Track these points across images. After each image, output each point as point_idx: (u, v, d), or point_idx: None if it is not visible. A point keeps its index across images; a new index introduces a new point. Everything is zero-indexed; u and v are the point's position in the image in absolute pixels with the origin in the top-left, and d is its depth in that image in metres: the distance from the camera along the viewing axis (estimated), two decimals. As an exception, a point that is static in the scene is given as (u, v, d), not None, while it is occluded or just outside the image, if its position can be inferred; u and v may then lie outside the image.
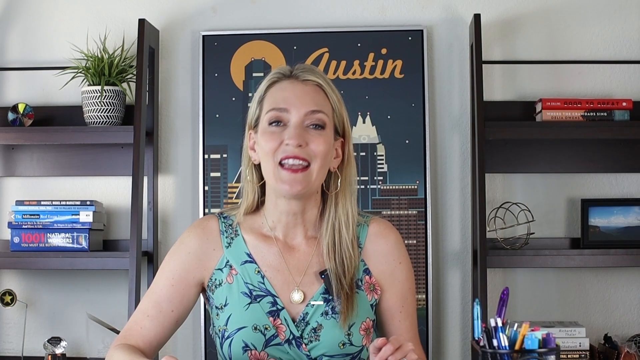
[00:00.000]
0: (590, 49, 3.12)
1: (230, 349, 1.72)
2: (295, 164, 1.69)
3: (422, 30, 3.09)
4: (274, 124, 1.72)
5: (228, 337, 1.72)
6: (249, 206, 1.79)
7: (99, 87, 2.97)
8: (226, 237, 1.78)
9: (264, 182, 1.77)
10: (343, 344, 1.70)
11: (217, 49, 3.12)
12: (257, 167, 1.77)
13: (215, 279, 1.76)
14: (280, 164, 1.69)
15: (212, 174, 3.09)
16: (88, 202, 2.99)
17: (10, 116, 3.07)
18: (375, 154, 3.06)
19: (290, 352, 1.70)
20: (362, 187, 3.05)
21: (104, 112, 2.99)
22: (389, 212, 3.05)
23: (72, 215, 2.97)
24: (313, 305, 1.72)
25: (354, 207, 1.78)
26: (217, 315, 1.75)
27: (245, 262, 1.76)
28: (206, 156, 3.09)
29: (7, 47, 3.23)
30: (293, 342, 1.70)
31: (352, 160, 1.80)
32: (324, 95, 1.74)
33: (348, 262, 1.73)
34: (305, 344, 1.70)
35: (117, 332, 2.96)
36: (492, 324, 1.45)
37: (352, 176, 1.80)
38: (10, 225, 2.98)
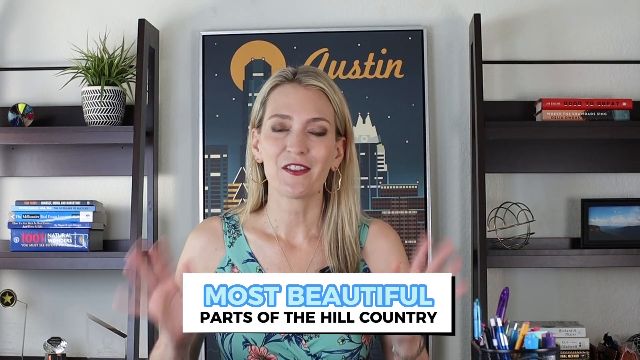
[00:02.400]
0: (590, 49, 3.12)
1: (230, 345, 1.73)
2: (297, 169, 1.71)
3: (422, 30, 3.09)
4: (276, 130, 1.73)
5: (228, 334, 1.74)
6: (254, 204, 1.81)
7: (99, 87, 2.97)
8: (229, 237, 1.80)
9: (267, 181, 1.79)
10: (342, 340, 1.72)
11: (217, 49, 3.12)
12: (260, 166, 1.79)
13: None
14: (284, 167, 1.71)
15: (212, 174, 3.09)
16: (88, 202, 2.99)
17: (10, 116, 3.07)
18: (375, 154, 3.06)
19: (290, 348, 1.71)
20: (362, 187, 3.05)
21: (104, 112, 2.99)
22: (389, 212, 3.05)
23: (72, 215, 2.97)
24: None
25: (357, 205, 1.80)
26: (219, 312, 1.76)
27: (247, 260, 1.78)
28: (206, 156, 3.09)
29: (7, 47, 3.23)
30: (292, 338, 1.72)
31: (354, 158, 1.81)
32: (326, 99, 1.75)
33: (350, 259, 1.75)
34: (305, 340, 1.72)
35: (117, 332, 2.97)
36: (492, 324, 1.45)
37: (355, 175, 1.81)
38: (10, 225, 2.98)
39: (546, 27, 3.13)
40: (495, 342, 1.44)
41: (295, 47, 3.10)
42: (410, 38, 3.09)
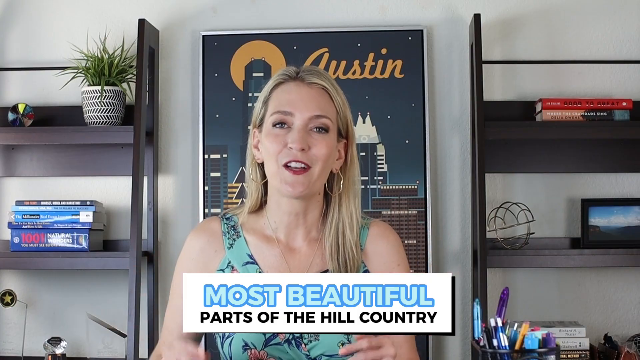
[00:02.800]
0: (590, 49, 3.12)
1: (230, 348, 1.73)
2: (297, 167, 1.69)
3: (422, 30, 3.09)
4: (278, 126, 1.72)
5: (228, 337, 1.73)
6: (252, 205, 1.80)
7: (99, 87, 2.97)
8: (228, 239, 1.79)
9: (267, 181, 1.77)
10: (342, 344, 1.70)
11: (217, 49, 3.12)
12: (261, 166, 1.78)
13: None
14: (285, 165, 1.70)
15: (212, 174, 3.09)
16: (88, 202, 2.99)
17: (10, 116, 3.07)
18: (375, 154, 3.06)
19: (290, 352, 1.71)
20: (362, 187, 3.05)
21: (104, 112, 2.99)
22: (389, 212, 3.05)
23: (72, 215, 2.97)
24: None
25: (357, 208, 1.78)
26: (218, 315, 1.76)
27: (247, 263, 1.76)
28: (206, 156, 3.09)
29: (7, 47, 3.23)
30: (292, 341, 1.71)
31: (355, 161, 1.80)
32: (328, 98, 1.74)
33: (351, 263, 1.74)
34: (305, 344, 1.71)
35: (117, 332, 2.97)
36: (492, 324, 1.45)
37: (356, 177, 1.79)
38: (10, 225, 2.98)
39: (546, 27, 3.13)
40: (495, 342, 1.44)
41: (295, 47, 3.10)
42: (410, 38, 3.09)
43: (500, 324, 1.45)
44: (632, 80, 3.11)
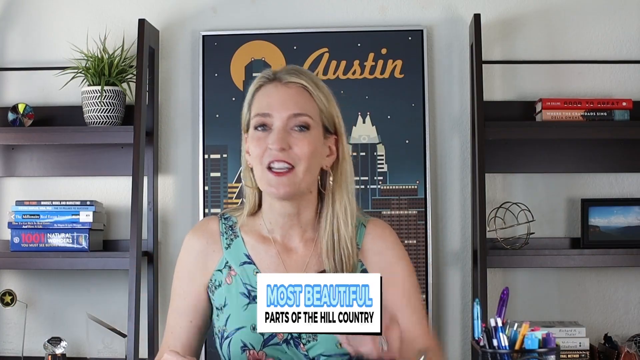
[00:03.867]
0: (590, 49, 3.12)
1: (229, 349, 1.72)
2: (280, 167, 1.68)
3: (422, 30, 3.10)
4: (259, 129, 1.72)
5: (227, 337, 1.73)
6: (251, 209, 1.80)
7: (99, 87, 2.97)
8: (226, 239, 1.79)
9: None
10: (341, 344, 1.70)
11: (217, 49, 3.12)
12: (253, 171, 1.77)
13: (215, 280, 1.77)
14: (269, 167, 1.69)
15: (212, 174, 3.09)
16: (88, 202, 2.99)
17: (10, 116, 3.08)
18: (375, 154, 3.07)
19: (289, 352, 1.70)
20: (362, 187, 3.05)
21: (104, 112, 2.99)
22: (389, 212, 3.05)
23: (72, 215, 2.97)
24: None
25: (352, 203, 1.76)
26: (217, 315, 1.76)
27: (244, 263, 1.76)
28: (206, 156, 3.09)
29: (7, 47, 3.23)
30: (291, 341, 1.71)
31: (347, 156, 1.78)
32: (308, 96, 1.73)
33: (346, 260, 1.73)
34: (304, 344, 1.70)
35: (117, 332, 2.97)
36: (492, 324, 1.45)
37: (348, 172, 1.78)
38: (10, 225, 2.98)
39: (546, 27, 3.13)
40: (495, 342, 1.44)
41: (295, 47, 3.10)
42: (410, 38, 3.09)
43: (500, 324, 1.45)
44: (632, 80, 3.11)
